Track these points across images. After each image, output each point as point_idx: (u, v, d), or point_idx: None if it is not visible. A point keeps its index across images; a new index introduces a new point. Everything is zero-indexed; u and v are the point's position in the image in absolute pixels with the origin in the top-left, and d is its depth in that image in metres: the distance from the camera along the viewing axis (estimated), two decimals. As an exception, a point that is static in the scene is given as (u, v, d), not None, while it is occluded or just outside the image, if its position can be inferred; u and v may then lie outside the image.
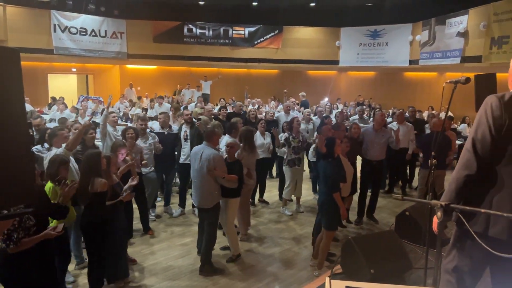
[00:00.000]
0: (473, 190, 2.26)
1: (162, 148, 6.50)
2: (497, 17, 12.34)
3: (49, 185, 4.00)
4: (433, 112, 12.19)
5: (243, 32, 18.94)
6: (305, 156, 7.35)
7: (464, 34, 13.78)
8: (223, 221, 5.26)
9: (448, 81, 3.08)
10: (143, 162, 5.91)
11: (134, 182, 4.60)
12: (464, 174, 2.25)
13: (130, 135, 5.77)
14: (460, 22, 14.04)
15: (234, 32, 18.86)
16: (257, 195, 7.66)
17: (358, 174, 6.64)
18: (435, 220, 2.39)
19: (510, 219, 2.04)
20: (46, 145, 5.25)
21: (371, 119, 10.12)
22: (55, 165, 4.06)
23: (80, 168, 4.44)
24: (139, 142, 6.09)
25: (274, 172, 9.50)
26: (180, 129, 6.97)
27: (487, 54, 12.60)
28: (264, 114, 10.24)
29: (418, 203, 5.70)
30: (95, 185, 3.95)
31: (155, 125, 7.37)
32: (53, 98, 14.00)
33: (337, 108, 13.96)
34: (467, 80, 2.90)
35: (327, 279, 1.79)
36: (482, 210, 1.68)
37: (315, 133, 8.18)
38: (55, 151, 4.72)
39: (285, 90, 14.09)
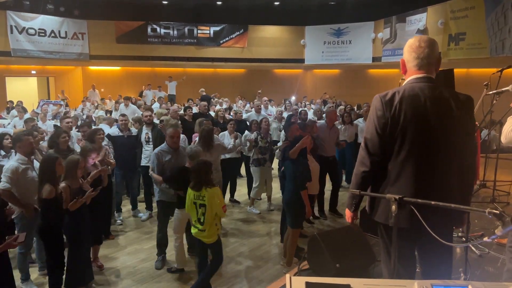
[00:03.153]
0: (371, 184, 2.45)
1: (123, 152, 6.38)
2: (454, 15, 12.81)
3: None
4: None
5: (208, 32, 18.86)
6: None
7: (423, 31, 14.23)
8: None
9: (403, 77, 3.17)
10: (111, 161, 5.74)
11: (93, 194, 4.41)
12: (361, 170, 2.40)
13: (101, 135, 5.58)
14: (419, 20, 14.49)
15: (199, 31, 18.76)
16: (228, 195, 7.64)
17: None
18: (348, 214, 2.60)
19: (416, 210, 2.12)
20: (2, 152, 5.05)
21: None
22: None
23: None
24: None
25: (243, 171, 9.50)
26: (140, 131, 6.85)
27: (445, 50, 13.06)
28: (231, 114, 10.19)
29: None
30: (43, 191, 3.85)
31: (105, 129, 7.04)
32: (11, 102, 13.51)
33: (304, 106, 14.12)
34: (420, 77, 2.99)
35: (287, 276, 1.80)
36: (433, 202, 1.74)
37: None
38: (17, 157, 4.54)
39: (259, 91, 14.11)
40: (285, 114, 10.10)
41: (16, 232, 4.05)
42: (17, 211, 4.28)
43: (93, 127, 8.81)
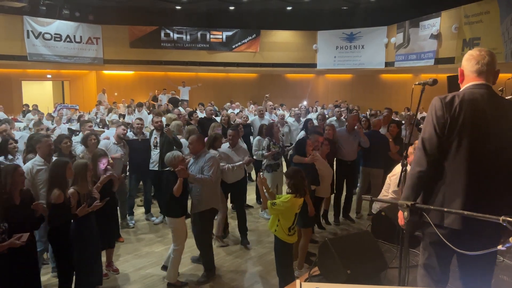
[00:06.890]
0: (427, 185, 2.43)
1: (137, 155, 6.47)
2: (468, 20, 12.68)
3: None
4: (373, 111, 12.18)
5: (220, 36, 18.94)
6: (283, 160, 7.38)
7: (437, 36, 14.11)
8: None
9: (416, 82, 3.14)
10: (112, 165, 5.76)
11: (100, 205, 4.39)
12: (417, 170, 2.41)
13: (92, 141, 5.70)
14: (433, 25, 14.36)
15: (211, 36, 18.85)
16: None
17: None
18: (401, 216, 2.54)
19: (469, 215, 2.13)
20: (10, 156, 5.11)
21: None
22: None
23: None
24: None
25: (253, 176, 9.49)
26: (151, 135, 6.92)
27: (459, 55, 12.91)
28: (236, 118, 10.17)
29: (393, 204, 5.78)
30: (51, 196, 3.89)
31: (111, 132, 7.08)
32: (27, 105, 13.72)
33: (316, 111, 14.08)
34: (435, 82, 2.96)
35: (298, 282, 1.80)
36: (445, 209, 1.73)
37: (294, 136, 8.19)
38: (35, 158, 4.64)
39: (267, 95, 14.09)
40: (290, 120, 10.05)
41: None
42: None
43: (106, 130, 8.90)
